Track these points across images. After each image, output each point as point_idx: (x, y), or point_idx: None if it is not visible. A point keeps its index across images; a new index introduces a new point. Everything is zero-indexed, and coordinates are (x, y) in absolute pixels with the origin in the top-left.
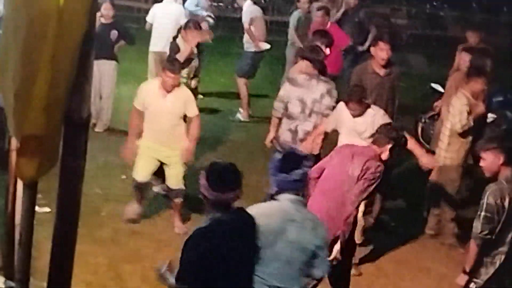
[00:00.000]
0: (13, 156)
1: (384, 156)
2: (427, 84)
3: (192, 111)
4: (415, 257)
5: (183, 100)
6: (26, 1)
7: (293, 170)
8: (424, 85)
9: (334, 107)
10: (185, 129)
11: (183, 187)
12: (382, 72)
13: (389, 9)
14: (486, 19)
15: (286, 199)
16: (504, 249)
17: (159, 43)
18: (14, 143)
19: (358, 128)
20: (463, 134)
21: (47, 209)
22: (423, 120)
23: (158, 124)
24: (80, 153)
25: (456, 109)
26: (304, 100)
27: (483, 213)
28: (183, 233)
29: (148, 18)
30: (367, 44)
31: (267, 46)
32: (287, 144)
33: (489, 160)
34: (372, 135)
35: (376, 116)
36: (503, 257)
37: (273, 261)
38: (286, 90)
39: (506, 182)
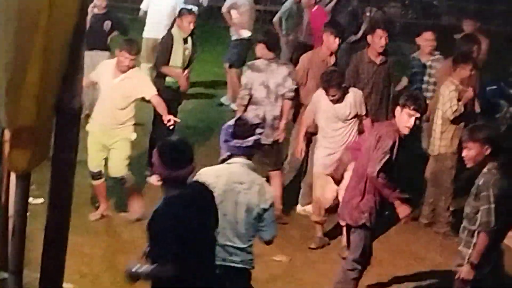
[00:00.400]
0: (6, 147)
1: (409, 124)
2: None
3: (149, 91)
4: (409, 246)
5: (135, 83)
6: None
7: (246, 137)
8: None
9: (297, 90)
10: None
11: (123, 174)
12: (378, 60)
13: None
14: (481, 8)
15: (236, 163)
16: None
17: (152, 30)
18: (7, 134)
19: (341, 113)
20: (455, 121)
21: (40, 200)
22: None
23: (105, 105)
24: (72, 144)
25: (446, 96)
26: (267, 85)
27: (492, 206)
28: (136, 218)
29: (143, 6)
30: (360, 33)
31: (248, 33)
32: None
33: (476, 150)
34: (356, 115)
35: (356, 96)
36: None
37: (221, 220)
38: (248, 77)
39: (495, 172)
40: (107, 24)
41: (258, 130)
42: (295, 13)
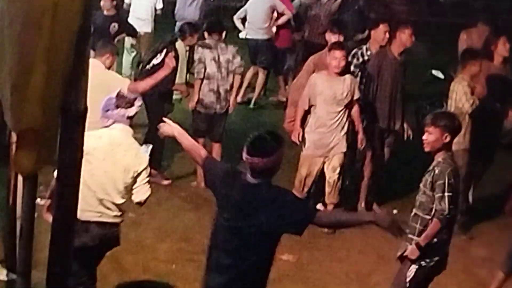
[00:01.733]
0: (13, 149)
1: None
2: (427, 71)
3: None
4: None
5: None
6: None
7: (128, 108)
8: (425, 72)
9: (242, 65)
10: None
11: None
12: (399, 57)
13: None
14: (486, 5)
15: (116, 128)
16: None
17: (136, 23)
18: (14, 136)
19: (338, 93)
20: (472, 115)
21: (49, 202)
22: (424, 107)
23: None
24: (77, 144)
25: (460, 91)
26: (218, 60)
27: (447, 194)
28: None
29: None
30: (367, 31)
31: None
32: (212, 104)
33: (435, 136)
34: (350, 102)
35: (352, 79)
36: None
37: (102, 176)
38: (199, 52)
39: (452, 161)
40: (113, 26)
41: (137, 102)
42: (302, 9)
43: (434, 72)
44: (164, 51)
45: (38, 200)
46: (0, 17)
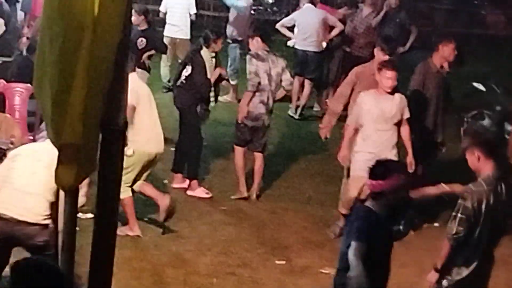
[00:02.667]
0: None
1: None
2: (468, 83)
3: None
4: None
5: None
6: (61, 10)
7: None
8: (466, 84)
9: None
10: None
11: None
12: (441, 69)
13: (429, 7)
14: None
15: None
16: (479, 254)
17: (171, 29)
18: None
19: (387, 113)
20: None
21: (89, 215)
22: (466, 119)
23: None
24: (117, 159)
25: None
26: (270, 73)
27: (459, 215)
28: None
29: (161, 8)
30: (408, 45)
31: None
32: (261, 116)
33: (470, 160)
34: (399, 122)
35: (402, 98)
36: (477, 262)
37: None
38: (254, 64)
39: (486, 184)
40: (141, 41)
41: None
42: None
43: (475, 84)
44: (191, 61)
45: (80, 214)
46: (42, 34)
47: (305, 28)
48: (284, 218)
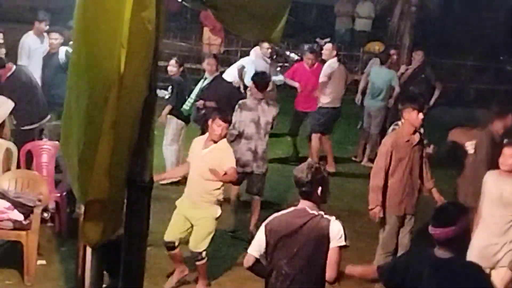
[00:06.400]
0: (81, 220)
1: None
2: None
3: (230, 163)
4: None
5: (223, 155)
6: (88, 68)
7: None
8: None
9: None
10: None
11: (200, 251)
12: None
13: (454, 64)
14: None
15: None
16: None
17: None
18: (81, 208)
19: (507, 194)
20: None
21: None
22: None
23: (193, 177)
24: (143, 215)
25: None
26: (258, 122)
27: None
28: None
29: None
30: (432, 100)
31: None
32: (249, 163)
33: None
34: None
35: None
36: None
37: None
38: (237, 116)
39: None
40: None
41: None
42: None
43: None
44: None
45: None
46: (69, 91)
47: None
48: None
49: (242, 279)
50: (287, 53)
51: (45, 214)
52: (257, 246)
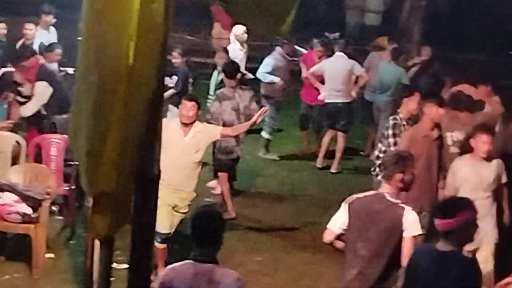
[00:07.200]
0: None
1: None
2: None
3: (217, 132)
4: None
5: (206, 131)
6: (97, 61)
7: None
8: None
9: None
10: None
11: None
12: None
13: (465, 59)
14: None
15: None
16: None
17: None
18: (90, 201)
19: (485, 178)
20: None
21: (125, 266)
22: None
23: (177, 165)
24: (151, 208)
25: None
26: (238, 108)
27: None
28: None
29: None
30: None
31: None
32: (233, 149)
33: None
34: (498, 189)
35: (500, 166)
36: None
37: None
38: (215, 107)
39: None
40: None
41: None
42: None
43: None
44: None
45: (116, 264)
46: (78, 84)
47: (333, 79)
48: (320, 269)
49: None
50: (296, 47)
51: (54, 208)
52: (339, 222)
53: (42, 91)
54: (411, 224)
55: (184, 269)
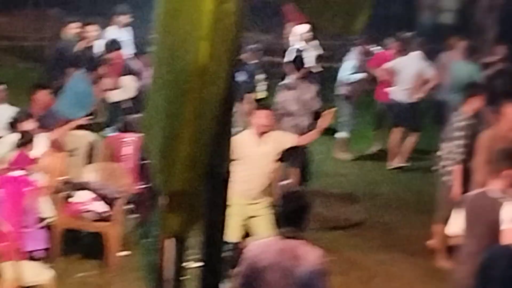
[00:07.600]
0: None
1: None
2: None
3: (292, 139)
4: None
5: (278, 139)
6: (170, 60)
7: None
8: None
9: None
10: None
11: None
12: None
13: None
14: None
15: None
16: None
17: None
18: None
19: None
20: None
21: (197, 264)
22: None
23: (252, 174)
24: (222, 207)
25: None
26: (300, 99)
27: None
28: None
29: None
30: None
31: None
32: None
33: None
34: None
35: None
36: None
37: None
38: (281, 96)
39: None
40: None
41: None
42: None
43: None
44: None
45: (191, 263)
46: (152, 85)
47: (403, 78)
48: (393, 269)
49: None
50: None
51: (128, 206)
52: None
53: (129, 85)
54: (508, 217)
55: (269, 245)
